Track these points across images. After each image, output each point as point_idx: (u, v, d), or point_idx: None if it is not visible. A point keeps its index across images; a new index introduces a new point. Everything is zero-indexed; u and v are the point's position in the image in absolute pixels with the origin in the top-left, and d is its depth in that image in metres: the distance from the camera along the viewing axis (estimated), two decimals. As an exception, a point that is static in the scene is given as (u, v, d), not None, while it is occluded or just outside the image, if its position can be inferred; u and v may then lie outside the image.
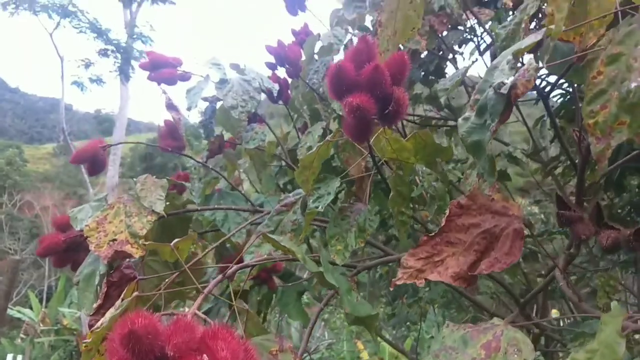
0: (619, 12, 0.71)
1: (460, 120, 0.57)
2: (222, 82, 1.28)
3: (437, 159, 0.79)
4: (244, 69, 1.41)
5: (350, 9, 1.34)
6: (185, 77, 1.44)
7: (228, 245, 1.36)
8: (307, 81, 1.74)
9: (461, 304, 2.81)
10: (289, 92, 1.83)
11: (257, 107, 1.30)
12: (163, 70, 1.40)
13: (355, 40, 1.54)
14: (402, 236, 0.74)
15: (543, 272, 1.94)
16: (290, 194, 0.84)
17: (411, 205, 0.79)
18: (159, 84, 1.41)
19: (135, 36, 10.38)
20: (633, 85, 0.41)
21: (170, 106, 1.17)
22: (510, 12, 1.69)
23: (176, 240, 0.67)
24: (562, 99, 2.01)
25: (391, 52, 1.15)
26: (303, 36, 1.99)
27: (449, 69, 2.04)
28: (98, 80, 10.63)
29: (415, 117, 2.40)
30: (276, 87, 1.47)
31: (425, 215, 1.67)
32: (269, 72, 1.82)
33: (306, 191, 0.76)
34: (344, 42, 1.53)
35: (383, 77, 0.57)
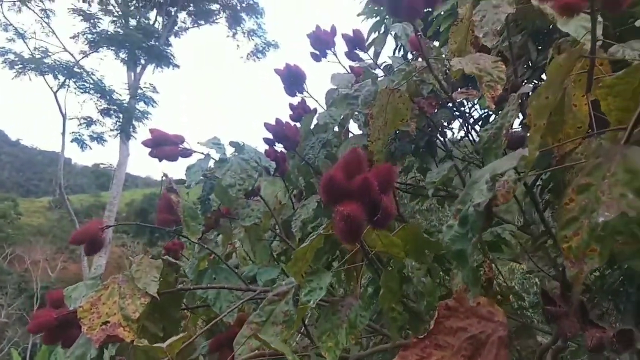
0: (594, 123, 0.76)
1: (444, 227, 0.61)
2: (222, 161, 1.33)
3: (427, 252, 0.82)
4: (243, 146, 1.46)
5: (343, 104, 1.41)
6: (187, 153, 1.49)
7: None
8: (303, 156, 1.80)
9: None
10: (287, 164, 1.89)
11: (254, 184, 1.34)
12: (165, 148, 1.45)
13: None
14: (393, 332, 0.75)
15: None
16: (284, 282, 0.86)
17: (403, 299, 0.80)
18: (160, 160, 1.46)
19: (137, 97, 10.67)
20: (600, 219, 0.44)
21: (171, 189, 1.20)
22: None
23: (168, 341, 0.68)
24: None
25: (382, 140, 1.21)
26: (300, 110, 2.07)
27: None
28: (99, 138, 10.82)
29: (408, 186, 2.45)
30: (272, 165, 1.51)
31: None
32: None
33: (299, 283, 0.77)
34: (338, 122, 1.60)
35: (371, 186, 0.61)
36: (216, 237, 1.68)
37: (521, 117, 1.22)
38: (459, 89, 1.83)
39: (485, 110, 2.47)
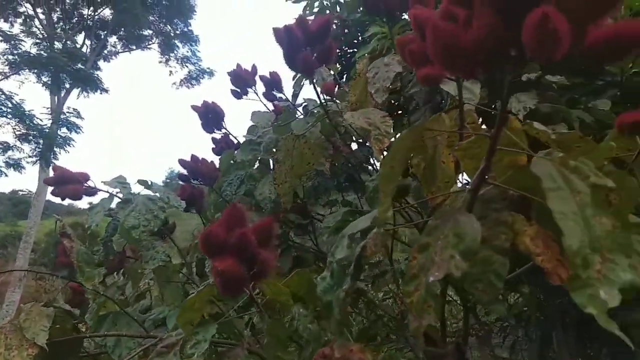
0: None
1: (319, 278, 0.64)
2: (126, 201, 1.30)
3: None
4: (151, 185, 1.45)
5: (247, 150, 1.45)
6: (91, 192, 1.45)
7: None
8: (221, 192, 1.80)
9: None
10: (204, 201, 1.88)
11: (160, 225, 1.33)
12: (68, 186, 1.40)
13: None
14: (279, 381, 0.77)
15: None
16: (174, 333, 0.85)
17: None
18: (62, 199, 1.40)
19: (60, 122, 10.16)
20: (430, 279, 0.49)
21: (64, 234, 1.16)
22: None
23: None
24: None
25: (289, 183, 1.25)
26: (223, 145, 2.08)
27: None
28: (16, 165, 10.12)
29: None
30: (182, 204, 1.50)
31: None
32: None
33: (187, 334, 0.77)
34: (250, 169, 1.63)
35: (249, 241, 0.64)
36: (125, 279, 1.63)
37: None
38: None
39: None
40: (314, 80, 1.93)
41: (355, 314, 1.98)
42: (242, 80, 2.00)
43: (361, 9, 3.08)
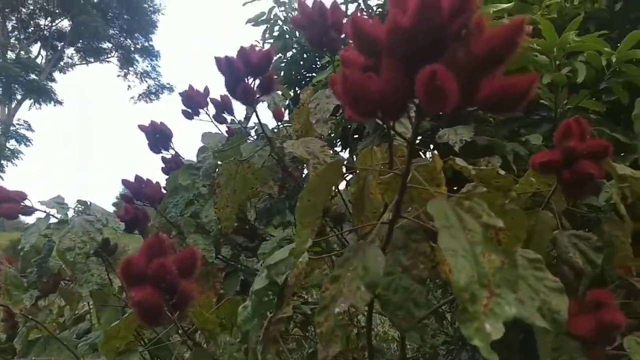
0: (386, 207, 0.87)
1: (240, 308, 0.66)
2: (61, 222, 1.28)
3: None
4: (90, 205, 1.42)
5: (186, 174, 1.46)
6: (28, 211, 1.41)
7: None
8: (166, 214, 1.78)
9: None
10: (148, 222, 1.85)
11: (96, 248, 1.30)
12: (3, 205, 1.36)
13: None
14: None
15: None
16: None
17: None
18: (-5, 218, 1.36)
19: (9, 134, 9.75)
20: (336, 310, 0.52)
21: (-10, 256, 1.12)
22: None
23: None
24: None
25: (230, 208, 1.26)
26: (172, 164, 2.06)
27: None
28: (-44, 177, 9.59)
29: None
30: (121, 226, 1.48)
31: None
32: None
33: (109, 362, 0.76)
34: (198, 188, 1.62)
35: (169, 271, 0.65)
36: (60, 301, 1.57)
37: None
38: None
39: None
40: (256, 109, 1.97)
41: (308, 339, 1.98)
42: (193, 102, 2.00)
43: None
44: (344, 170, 0.63)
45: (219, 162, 1.49)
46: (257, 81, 1.05)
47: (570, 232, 0.94)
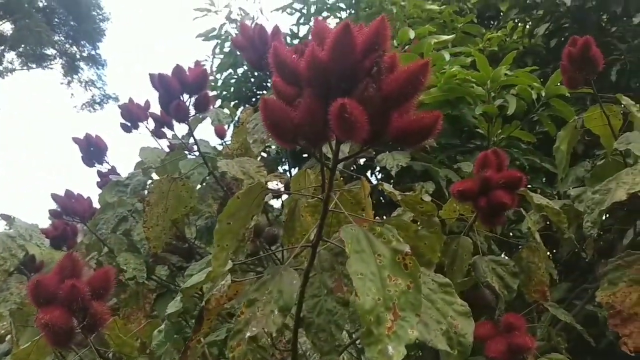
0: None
1: (155, 331, 0.64)
2: (-21, 238, 1.20)
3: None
4: (14, 220, 1.35)
5: (113, 192, 1.42)
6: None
7: None
8: (96, 230, 1.71)
9: None
10: (76, 239, 1.77)
11: (17, 265, 1.23)
12: None
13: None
14: None
15: None
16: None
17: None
18: None
19: None
20: (247, 334, 0.52)
21: None
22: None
23: None
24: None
25: (161, 227, 1.23)
26: (107, 179, 1.99)
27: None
28: None
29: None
30: (44, 243, 1.41)
31: None
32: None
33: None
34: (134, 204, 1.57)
35: (80, 293, 0.63)
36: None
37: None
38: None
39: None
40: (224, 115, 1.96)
41: None
42: (132, 115, 1.96)
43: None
44: (266, 194, 0.63)
45: (149, 181, 1.45)
46: (193, 99, 1.05)
47: (489, 257, 0.99)
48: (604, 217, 1.33)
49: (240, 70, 2.95)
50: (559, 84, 1.79)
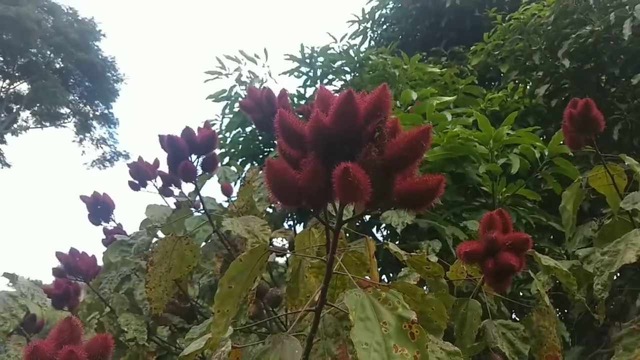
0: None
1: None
2: (-20, 298, 1.19)
3: None
4: (17, 278, 1.34)
5: (116, 251, 1.42)
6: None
7: None
8: (99, 289, 1.69)
9: None
10: (78, 298, 1.74)
11: (18, 326, 1.21)
12: None
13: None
14: None
15: None
16: None
17: None
18: None
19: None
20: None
21: None
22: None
23: None
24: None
25: (163, 287, 1.21)
26: (113, 236, 1.99)
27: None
28: None
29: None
30: (47, 302, 1.39)
31: None
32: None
33: None
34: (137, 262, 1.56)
35: (78, 359, 0.61)
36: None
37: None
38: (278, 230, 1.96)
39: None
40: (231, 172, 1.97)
41: None
42: (141, 174, 1.98)
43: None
44: (270, 255, 0.63)
45: (154, 240, 1.45)
46: (201, 159, 1.07)
47: (499, 321, 0.96)
48: (614, 278, 1.30)
49: (248, 129, 3.03)
50: (561, 143, 1.82)
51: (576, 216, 1.38)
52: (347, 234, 1.27)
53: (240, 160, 3.02)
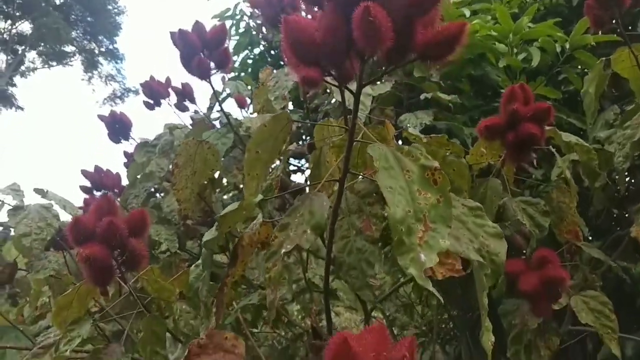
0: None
1: (192, 266, 0.66)
2: (17, 208, 1.24)
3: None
4: (47, 193, 1.39)
5: (142, 152, 1.44)
6: (-19, 200, 1.36)
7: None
8: (127, 205, 1.75)
9: None
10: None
11: (54, 234, 1.27)
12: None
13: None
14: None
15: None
16: (52, 334, 0.82)
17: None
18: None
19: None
20: (283, 250, 0.53)
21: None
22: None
23: None
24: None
25: (190, 189, 1.25)
26: (133, 159, 2.03)
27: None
28: None
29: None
30: (79, 213, 1.45)
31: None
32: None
33: (62, 333, 0.75)
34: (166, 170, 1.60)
35: (118, 229, 0.64)
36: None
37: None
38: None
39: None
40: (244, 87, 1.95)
41: (277, 334, 1.97)
42: (155, 92, 1.98)
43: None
44: (292, 126, 0.64)
45: (177, 142, 1.48)
46: (212, 56, 1.06)
47: (519, 198, 0.98)
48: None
49: (257, 50, 2.96)
50: (583, 33, 1.74)
51: (598, 103, 1.35)
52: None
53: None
